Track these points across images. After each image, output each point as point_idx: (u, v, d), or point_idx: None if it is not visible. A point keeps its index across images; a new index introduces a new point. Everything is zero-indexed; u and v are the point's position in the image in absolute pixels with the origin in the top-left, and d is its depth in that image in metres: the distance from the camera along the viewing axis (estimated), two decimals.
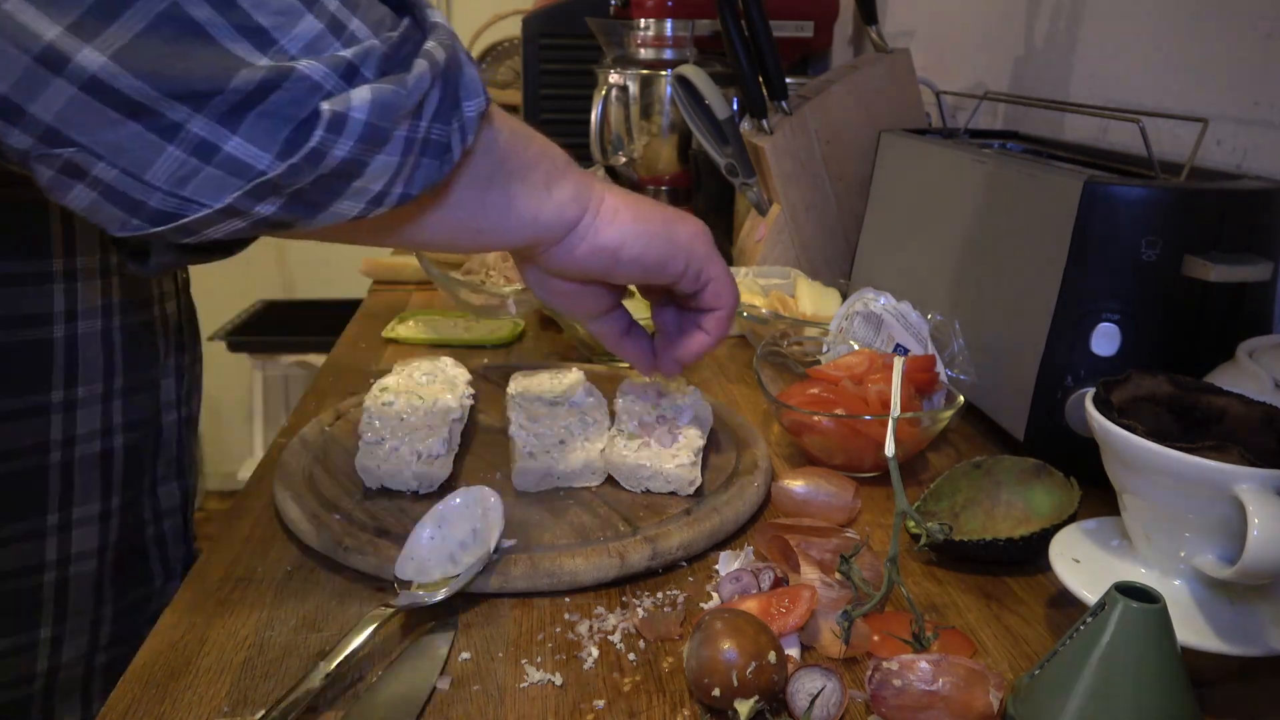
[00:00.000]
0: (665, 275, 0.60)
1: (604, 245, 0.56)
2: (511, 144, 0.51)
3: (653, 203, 0.60)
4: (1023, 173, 0.80)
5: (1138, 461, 0.50)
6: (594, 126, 1.60)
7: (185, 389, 0.80)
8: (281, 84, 0.39)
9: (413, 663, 0.53)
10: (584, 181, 0.56)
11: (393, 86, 0.42)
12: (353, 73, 0.41)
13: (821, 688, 0.48)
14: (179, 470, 0.80)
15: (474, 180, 0.50)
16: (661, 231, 0.59)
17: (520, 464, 0.69)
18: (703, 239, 0.61)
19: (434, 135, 0.45)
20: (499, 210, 0.52)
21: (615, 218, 0.57)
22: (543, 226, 0.54)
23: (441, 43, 0.44)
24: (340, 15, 0.42)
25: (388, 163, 0.43)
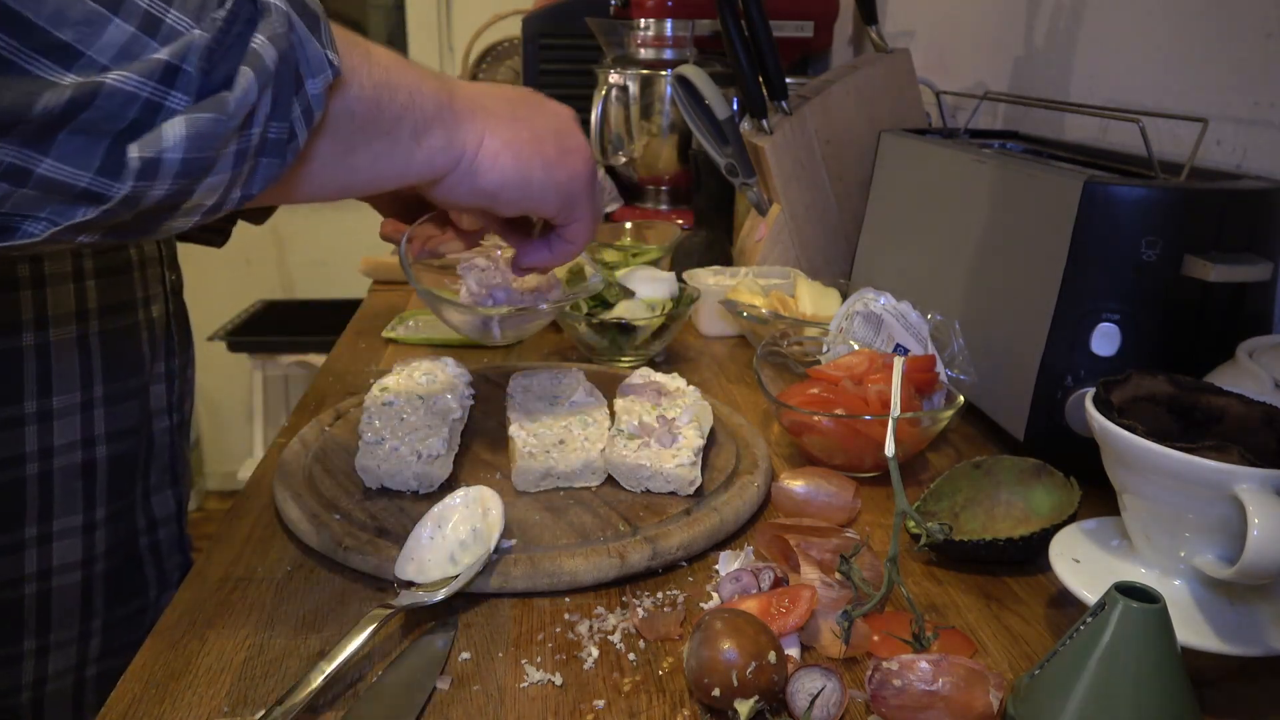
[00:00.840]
0: (539, 212, 0.62)
1: (482, 189, 0.57)
2: (375, 99, 0.49)
3: (537, 135, 0.59)
4: (1023, 173, 0.80)
5: (1138, 461, 0.50)
6: (594, 126, 1.60)
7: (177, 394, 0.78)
8: (90, 103, 0.37)
9: (413, 663, 0.53)
10: (459, 125, 0.55)
11: (211, 115, 0.39)
12: (172, 73, 0.38)
13: (821, 688, 0.48)
14: (173, 477, 0.78)
15: (333, 147, 0.48)
16: (541, 175, 0.59)
17: (520, 464, 0.69)
18: (582, 179, 0.62)
19: (271, 135, 0.43)
20: (364, 168, 0.51)
21: (495, 161, 0.56)
22: (413, 176, 0.54)
23: (273, 32, 0.41)
24: (154, 10, 0.38)
25: (217, 181, 0.41)
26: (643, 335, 0.99)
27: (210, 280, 2.52)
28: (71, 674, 0.70)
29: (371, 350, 1.05)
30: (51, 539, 0.67)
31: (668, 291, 1.04)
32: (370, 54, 0.50)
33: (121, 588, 0.73)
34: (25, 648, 0.68)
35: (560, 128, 0.61)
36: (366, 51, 0.49)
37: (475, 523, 0.60)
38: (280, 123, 0.43)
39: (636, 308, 1.01)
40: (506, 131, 0.57)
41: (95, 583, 0.71)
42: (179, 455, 0.79)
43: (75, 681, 0.70)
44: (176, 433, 0.79)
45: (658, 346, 1.02)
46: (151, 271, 0.75)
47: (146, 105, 0.38)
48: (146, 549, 0.75)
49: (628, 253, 1.29)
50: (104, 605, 0.72)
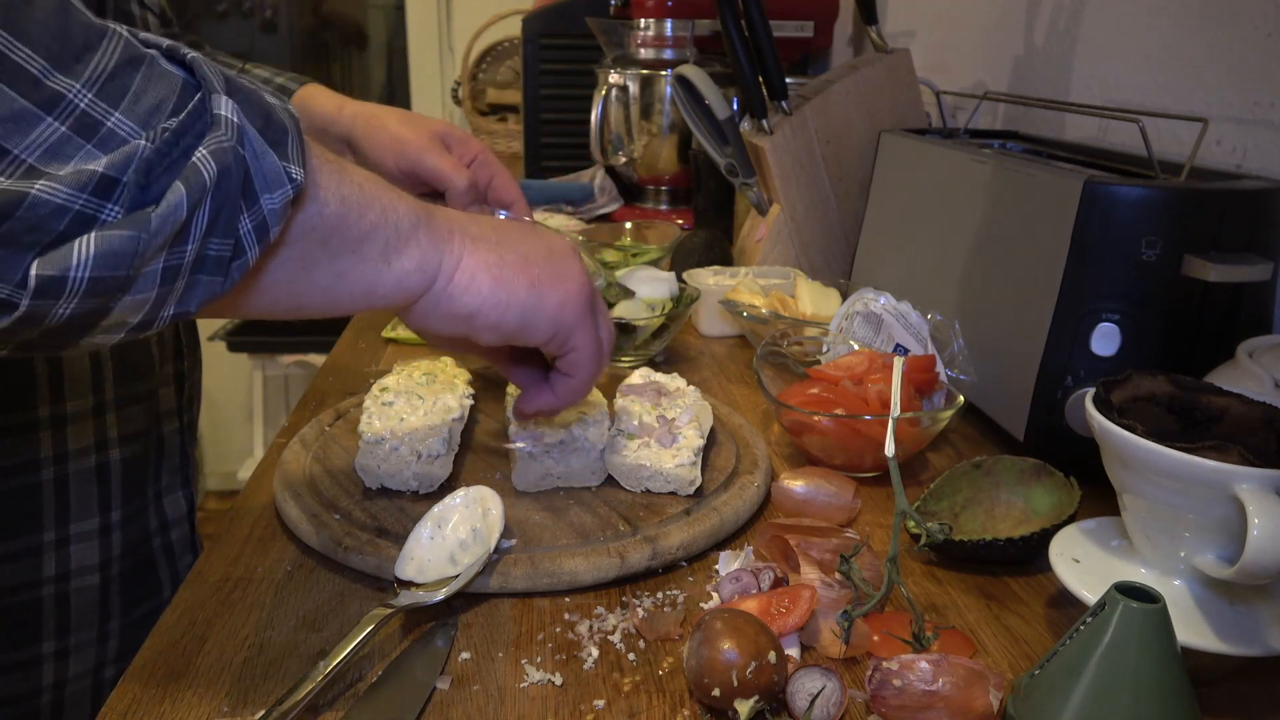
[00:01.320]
0: (526, 341, 0.57)
1: (457, 314, 0.52)
2: (342, 215, 0.46)
3: (523, 258, 0.55)
4: (1023, 173, 0.80)
5: (1138, 461, 0.50)
6: (594, 126, 1.60)
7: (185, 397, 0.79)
8: (13, 212, 0.34)
9: (413, 663, 0.53)
10: (436, 244, 0.51)
11: (129, 232, 0.36)
12: (109, 186, 0.35)
13: (821, 688, 0.48)
14: (183, 479, 0.79)
15: (290, 262, 0.45)
16: (524, 299, 0.54)
17: (520, 464, 0.69)
18: (573, 305, 0.56)
19: (211, 251, 0.40)
20: (325, 287, 0.47)
21: (472, 283, 0.52)
22: (381, 298, 0.50)
23: (218, 147, 0.38)
24: (94, 111, 0.36)
25: (140, 299, 0.38)
26: (643, 335, 0.99)
27: None
28: (90, 676, 0.70)
29: (371, 350, 1.05)
30: (69, 542, 0.68)
31: (668, 291, 1.04)
32: (344, 170, 0.48)
33: (137, 589, 0.73)
34: (45, 650, 0.68)
35: (554, 251, 0.57)
36: (340, 167, 0.47)
37: (475, 523, 0.60)
38: (223, 239, 0.40)
39: (636, 308, 1.01)
40: (488, 253, 0.53)
41: (112, 585, 0.71)
42: (188, 457, 0.80)
43: (94, 684, 0.71)
44: (185, 434, 0.79)
45: (658, 346, 1.02)
46: None
47: (77, 218, 0.35)
48: (160, 550, 0.76)
49: (628, 253, 1.29)
50: (120, 607, 0.72)
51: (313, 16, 3.43)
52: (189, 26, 3.25)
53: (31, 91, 0.34)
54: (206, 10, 3.26)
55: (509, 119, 2.66)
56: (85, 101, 0.36)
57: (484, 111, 2.73)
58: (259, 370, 3.05)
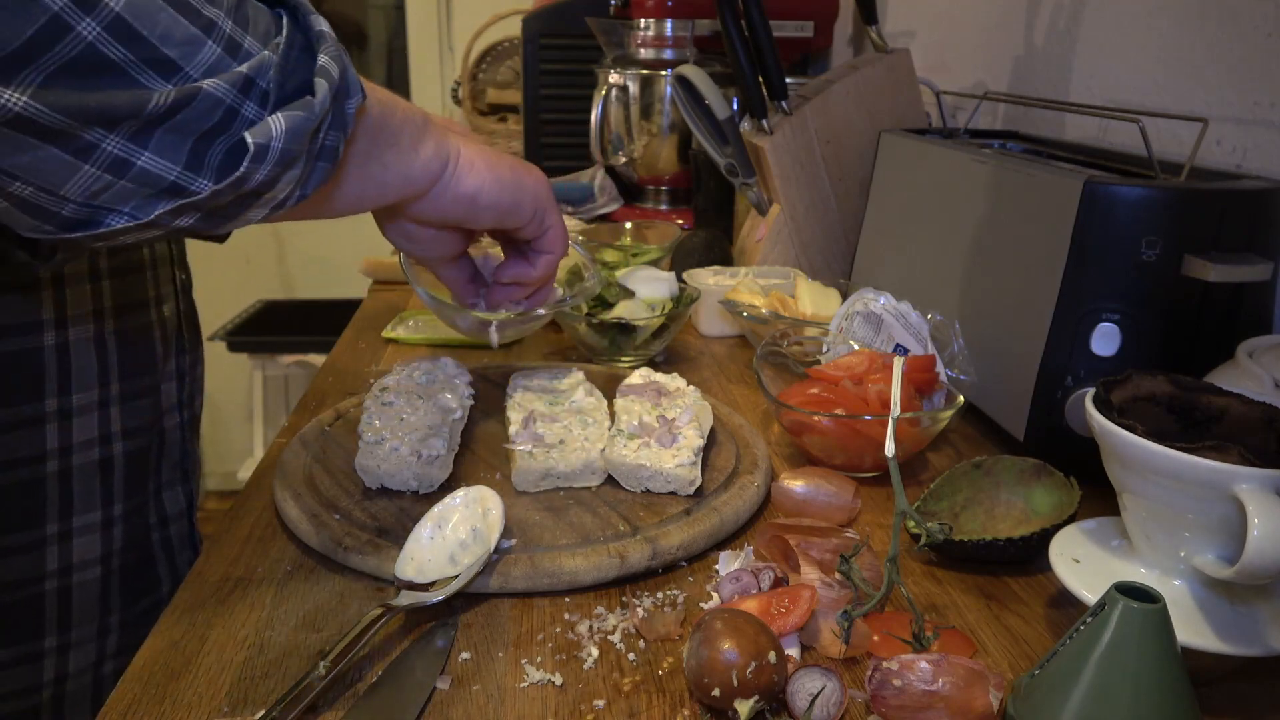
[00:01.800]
0: (516, 219, 0.66)
1: (464, 193, 0.61)
2: (381, 117, 0.55)
3: (498, 152, 0.65)
4: (1023, 173, 0.80)
5: (1138, 461, 0.50)
6: (594, 126, 1.60)
7: (187, 392, 0.79)
8: (189, 103, 0.42)
9: (413, 663, 0.53)
10: (441, 136, 0.60)
11: (303, 113, 0.46)
12: (249, 85, 0.44)
13: (821, 688, 0.48)
14: (183, 474, 0.79)
15: (356, 157, 0.54)
16: (512, 179, 0.64)
17: (520, 464, 0.69)
18: (545, 187, 0.67)
19: (328, 143, 0.49)
20: (378, 177, 0.56)
21: (472, 168, 0.62)
22: (413, 182, 0.59)
23: (331, 55, 0.48)
24: (236, 36, 0.45)
25: (294, 175, 0.48)
26: (643, 335, 0.99)
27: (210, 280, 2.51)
28: (90, 671, 0.71)
29: (371, 350, 1.05)
30: (72, 535, 0.68)
31: (668, 291, 1.04)
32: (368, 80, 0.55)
33: (136, 584, 0.74)
34: (47, 645, 0.68)
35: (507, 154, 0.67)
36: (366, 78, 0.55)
37: (475, 523, 0.60)
38: (336, 131, 0.49)
39: (636, 308, 1.01)
40: (474, 145, 0.63)
41: (112, 579, 0.72)
42: (189, 452, 0.80)
43: (94, 679, 0.72)
44: (187, 429, 0.80)
45: (658, 346, 1.02)
46: (163, 271, 0.76)
47: (228, 110, 0.44)
48: (159, 545, 0.76)
49: (628, 253, 1.29)
50: (120, 602, 0.73)
51: None
52: None
53: (196, 19, 0.43)
54: None
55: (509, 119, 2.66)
56: (229, 28, 0.44)
57: (484, 111, 2.73)
58: (259, 370, 3.05)
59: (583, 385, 0.81)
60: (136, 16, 0.41)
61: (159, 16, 0.42)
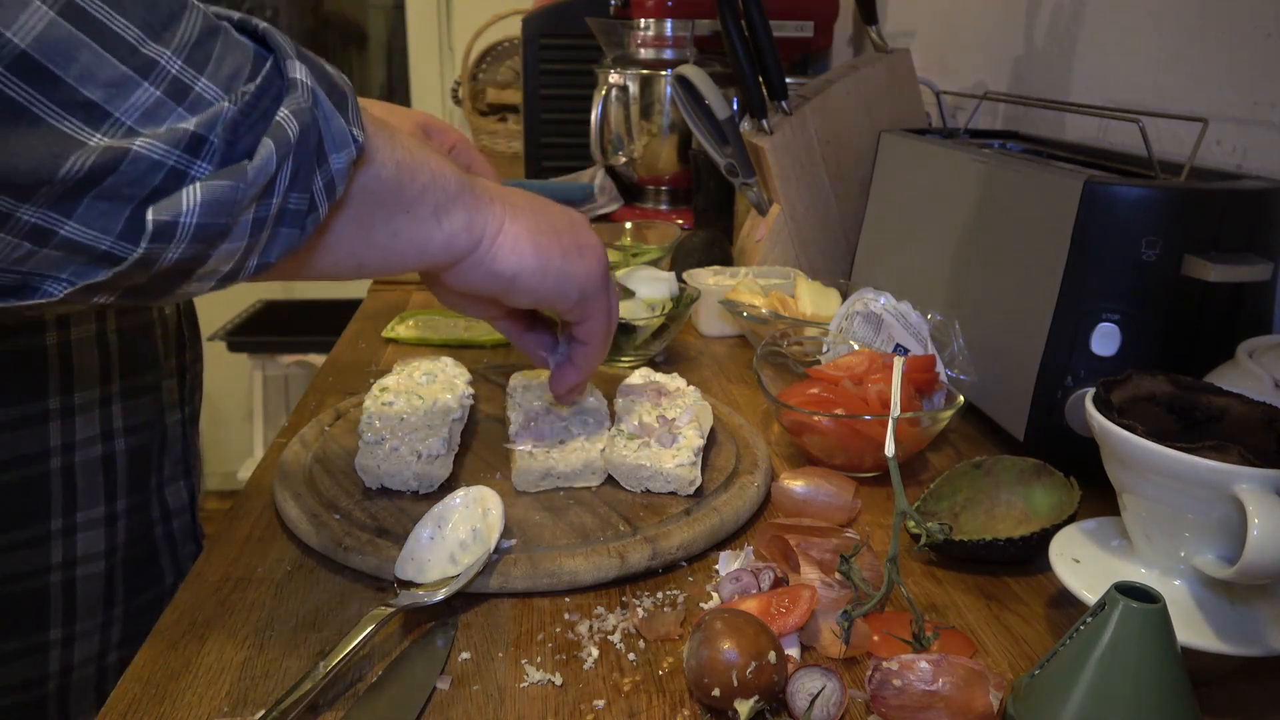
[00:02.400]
0: (554, 305, 0.62)
1: (499, 273, 0.57)
2: (397, 178, 0.50)
3: (554, 228, 0.60)
4: (1023, 173, 0.80)
5: (1138, 461, 0.50)
6: (594, 126, 1.61)
7: (188, 388, 0.80)
8: (116, 167, 0.37)
9: (413, 663, 0.53)
10: (480, 208, 0.55)
11: (229, 182, 0.39)
12: (198, 143, 0.39)
13: (821, 688, 0.48)
14: (186, 469, 0.80)
15: (352, 222, 0.49)
16: (559, 266, 0.59)
17: (520, 464, 0.69)
18: (597, 276, 0.62)
19: (291, 205, 0.43)
20: (383, 246, 0.51)
21: (515, 245, 0.57)
22: (431, 256, 0.54)
23: (297, 107, 0.42)
24: (184, 77, 0.39)
25: (233, 248, 0.42)
26: (643, 335, 0.99)
27: None
28: (94, 662, 0.72)
29: (371, 350, 1.05)
30: (76, 530, 0.69)
31: (668, 291, 1.04)
32: (395, 135, 0.50)
33: (140, 577, 0.75)
34: (52, 637, 0.69)
35: (576, 225, 0.62)
36: (391, 132, 0.50)
37: (475, 523, 0.60)
38: (300, 194, 0.43)
39: (636, 308, 1.01)
40: (527, 219, 0.58)
41: (116, 572, 0.72)
42: (190, 448, 0.81)
43: (98, 669, 0.72)
44: (188, 426, 0.80)
45: (658, 346, 1.02)
46: None
47: (171, 173, 0.38)
48: (162, 539, 0.77)
49: (628, 253, 1.29)
50: (124, 594, 0.73)
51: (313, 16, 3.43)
52: None
53: (130, 58, 0.37)
54: None
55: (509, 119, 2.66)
56: (176, 68, 0.39)
57: (484, 111, 2.73)
58: (259, 370, 3.05)
59: None
60: (49, 53, 0.35)
61: (78, 53, 0.36)
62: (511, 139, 2.59)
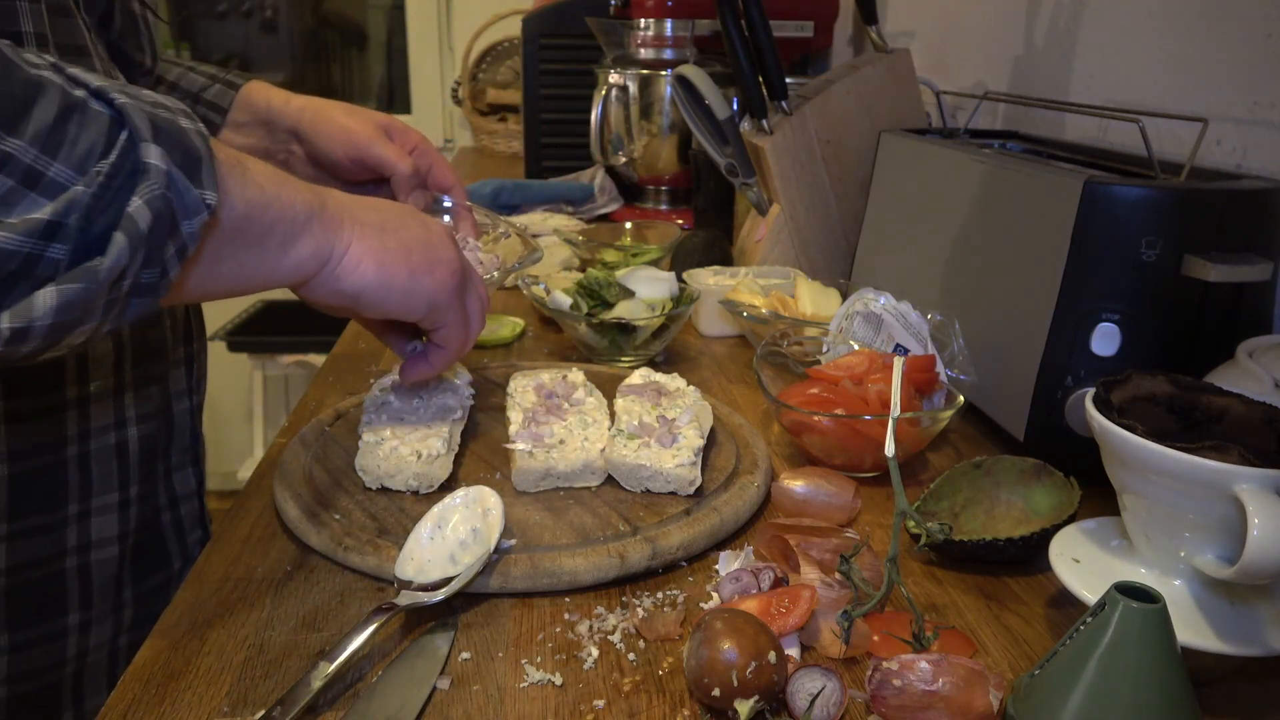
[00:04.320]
0: (405, 317, 0.64)
1: (343, 291, 0.59)
2: (246, 216, 0.51)
3: (404, 245, 0.61)
4: (1023, 173, 0.80)
5: (1138, 461, 0.50)
6: (594, 126, 1.60)
7: (194, 378, 0.81)
8: None
9: (413, 663, 0.53)
10: (328, 233, 0.57)
11: (82, 284, 0.41)
12: (53, 230, 0.40)
13: (821, 688, 0.48)
14: (193, 457, 0.82)
15: (202, 262, 0.50)
16: (404, 283, 0.61)
17: (520, 464, 0.69)
18: (446, 289, 0.63)
19: (143, 280, 0.45)
20: (230, 275, 0.53)
21: (357, 268, 0.58)
22: (278, 281, 0.56)
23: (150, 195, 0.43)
24: (37, 165, 0.40)
25: (88, 328, 0.44)
26: (643, 335, 0.99)
27: None
28: (107, 646, 0.74)
29: (371, 350, 1.05)
30: (91, 515, 0.71)
31: (668, 291, 1.04)
32: (247, 172, 0.52)
33: (149, 561, 0.76)
34: (70, 622, 0.70)
35: (431, 240, 0.64)
36: (245, 171, 0.51)
37: (475, 523, 0.60)
38: (152, 269, 0.45)
39: (636, 308, 1.01)
40: (373, 240, 0.60)
41: (128, 556, 0.74)
42: (197, 435, 0.82)
43: (110, 653, 0.74)
44: (194, 415, 0.81)
45: (658, 346, 1.02)
46: None
47: (26, 259, 0.40)
48: (169, 524, 0.78)
49: (628, 253, 1.29)
50: (133, 578, 0.74)
51: (313, 16, 3.43)
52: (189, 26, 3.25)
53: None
54: (206, 10, 3.26)
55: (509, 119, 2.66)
56: (30, 157, 0.40)
57: (484, 111, 2.73)
58: (259, 370, 3.05)
59: (583, 385, 0.81)
60: None
61: None
62: (511, 139, 2.59)
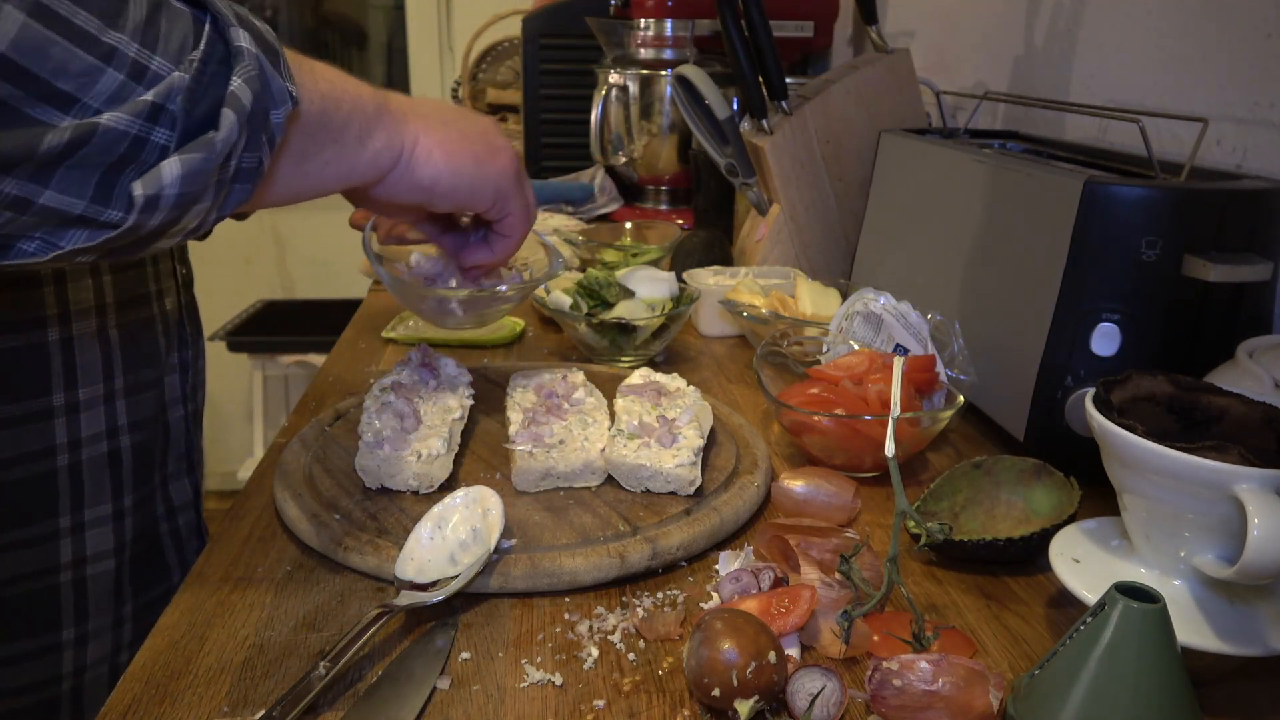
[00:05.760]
0: (475, 206, 0.66)
1: (419, 183, 0.61)
2: (324, 112, 0.53)
3: (465, 135, 0.63)
4: (1023, 173, 0.80)
5: (1138, 461, 0.50)
6: (594, 126, 1.60)
7: (190, 385, 0.80)
8: (89, 140, 0.41)
9: (413, 663, 0.53)
10: (397, 126, 0.59)
11: (201, 154, 0.44)
12: (158, 112, 0.43)
13: (821, 688, 0.48)
14: (189, 465, 0.80)
15: (290, 160, 0.53)
16: (472, 169, 0.63)
17: (520, 464, 0.69)
18: (509, 175, 0.66)
19: (244, 164, 0.47)
20: (316, 174, 0.55)
21: (429, 159, 0.61)
22: (359, 176, 0.58)
23: (247, 75, 0.45)
24: (141, 59, 0.43)
25: (202, 208, 0.47)
26: (643, 335, 0.99)
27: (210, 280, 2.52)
28: (107, 661, 0.72)
29: (371, 350, 1.05)
30: (84, 528, 0.70)
31: (668, 291, 1.04)
32: (314, 70, 0.53)
33: (147, 573, 0.75)
34: (65, 637, 0.69)
35: (484, 130, 0.66)
36: (311, 68, 0.53)
37: (475, 523, 0.60)
38: (252, 153, 0.47)
39: (636, 308, 1.01)
40: (437, 131, 0.62)
41: (125, 570, 0.73)
42: (194, 444, 0.81)
43: (110, 668, 0.73)
44: (190, 422, 0.81)
45: (658, 346, 1.02)
46: (164, 265, 0.77)
47: (135, 140, 0.42)
48: (167, 535, 0.77)
49: (628, 253, 1.29)
50: (133, 591, 0.74)
51: (313, 16, 3.43)
52: None
53: (94, 48, 0.41)
54: None
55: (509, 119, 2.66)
56: (134, 51, 0.42)
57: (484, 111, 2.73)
58: (259, 370, 3.05)
59: (583, 385, 0.81)
60: (25, 54, 0.39)
61: (51, 50, 0.40)
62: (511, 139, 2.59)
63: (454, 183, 0.62)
